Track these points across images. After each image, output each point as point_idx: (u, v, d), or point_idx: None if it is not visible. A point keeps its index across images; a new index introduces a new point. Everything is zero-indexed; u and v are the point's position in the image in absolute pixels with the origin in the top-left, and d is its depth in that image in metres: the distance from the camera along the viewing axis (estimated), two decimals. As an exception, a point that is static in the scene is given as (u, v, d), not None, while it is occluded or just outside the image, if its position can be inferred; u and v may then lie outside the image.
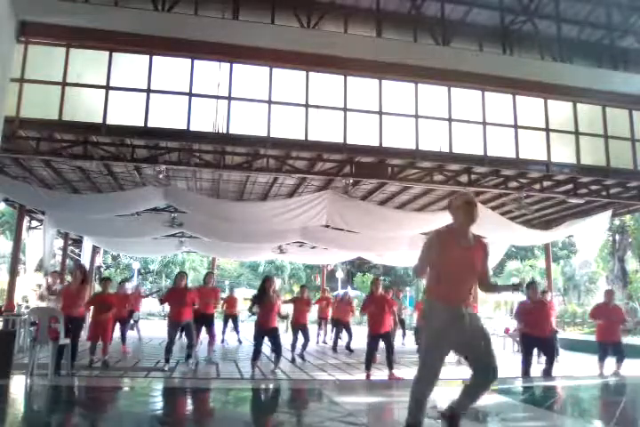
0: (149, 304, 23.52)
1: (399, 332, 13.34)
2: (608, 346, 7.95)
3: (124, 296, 10.97)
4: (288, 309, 10.62)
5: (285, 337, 9.32)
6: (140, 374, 7.59)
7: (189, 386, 6.33)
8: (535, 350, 7.50)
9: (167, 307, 8.65)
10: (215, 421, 4.32)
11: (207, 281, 9.80)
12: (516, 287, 3.54)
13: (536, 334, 7.10)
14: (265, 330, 7.62)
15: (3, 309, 10.60)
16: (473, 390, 3.33)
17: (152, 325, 17.81)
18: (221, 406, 5.00)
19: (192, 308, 8.22)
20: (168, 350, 7.95)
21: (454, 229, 3.44)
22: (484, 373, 3.25)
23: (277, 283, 8.32)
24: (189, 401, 5.47)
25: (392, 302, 8.19)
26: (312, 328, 11.91)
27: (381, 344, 7.85)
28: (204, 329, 9.65)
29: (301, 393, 5.97)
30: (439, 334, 3.26)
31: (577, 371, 8.25)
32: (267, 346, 7.95)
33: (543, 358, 7.60)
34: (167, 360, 7.96)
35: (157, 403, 5.14)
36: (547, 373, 7.07)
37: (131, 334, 12.82)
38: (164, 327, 8.39)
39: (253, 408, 5.12)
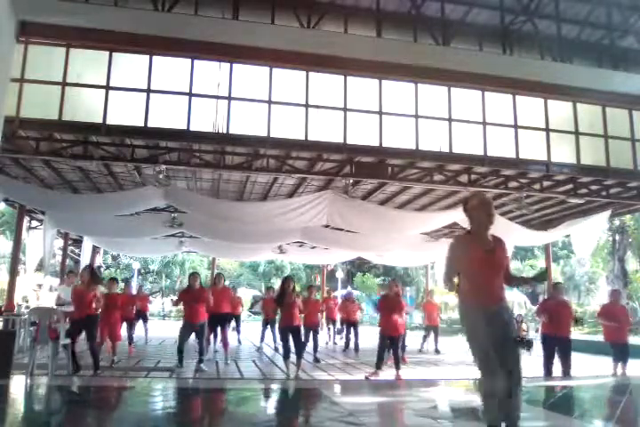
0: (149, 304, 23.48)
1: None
2: (619, 346, 7.93)
3: (131, 296, 10.97)
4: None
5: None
6: (140, 374, 7.59)
7: (190, 386, 6.33)
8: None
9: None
10: (215, 421, 4.32)
11: (217, 282, 9.79)
12: (539, 278, 3.59)
13: (557, 334, 7.10)
14: (290, 329, 7.56)
15: (3, 309, 10.60)
16: (502, 398, 3.19)
17: (151, 325, 17.78)
18: (221, 406, 5.00)
19: (205, 308, 8.15)
20: (180, 350, 7.81)
21: (473, 231, 3.42)
22: (511, 376, 3.18)
23: (278, 283, 8.38)
24: (189, 401, 5.47)
25: (404, 305, 8.19)
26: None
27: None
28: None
29: (301, 393, 5.97)
30: (478, 335, 3.27)
31: (577, 371, 8.23)
32: (266, 346, 7.94)
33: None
34: (180, 361, 7.79)
35: (157, 403, 5.14)
36: (565, 372, 7.07)
37: (138, 334, 12.78)
38: (163, 327, 8.38)
39: (254, 408, 5.11)
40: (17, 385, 5.68)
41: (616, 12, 9.41)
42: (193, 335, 8.06)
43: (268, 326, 11.75)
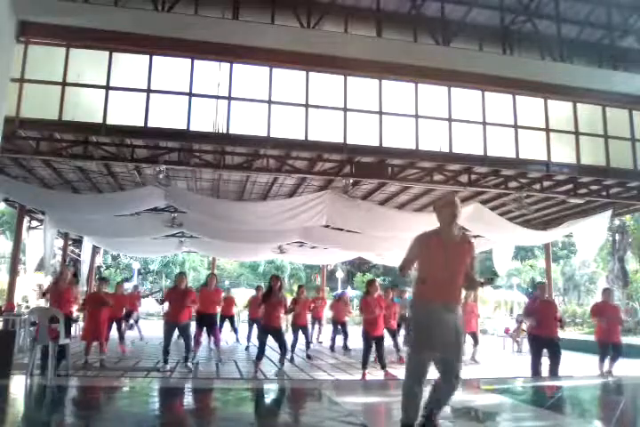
0: (148, 304, 23.50)
1: (401, 332, 13.34)
2: (608, 345, 7.93)
3: (121, 296, 10.96)
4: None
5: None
6: (139, 374, 7.59)
7: (189, 386, 6.33)
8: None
9: (166, 307, 8.64)
10: (215, 421, 4.32)
11: (209, 283, 9.81)
12: (488, 282, 3.75)
13: (544, 334, 7.08)
14: (269, 329, 7.61)
15: (3, 309, 10.60)
16: (438, 394, 3.35)
17: (151, 325, 17.80)
18: (221, 406, 5.00)
19: (190, 309, 8.19)
20: (165, 350, 7.89)
21: (440, 229, 3.55)
22: (449, 377, 3.29)
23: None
24: (189, 401, 5.47)
25: (386, 304, 8.22)
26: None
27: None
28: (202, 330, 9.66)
29: (301, 393, 5.97)
30: (423, 332, 3.34)
31: (577, 371, 8.24)
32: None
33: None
34: (165, 361, 7.90)
35: (157, 403, 5.14)
36: (553, 372, 7.05)
37: (131, 333, 12.83)
38: (162, 327, 8.39)
39: (253, 408, 5.11)
40: (17, 385, 5.68)
41: (616, 12, 9.41)
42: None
43: (255, 326, 11.79)
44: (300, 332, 10.20)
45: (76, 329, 11.84)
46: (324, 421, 3.96)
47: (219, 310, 10.26)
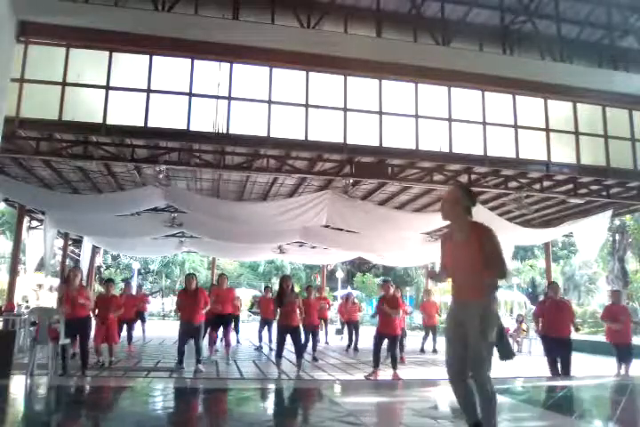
0: (148, 305, 23.48)
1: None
2: (620, 347, 7.89)
3: (131, 297, 10.93)
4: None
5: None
6: (140, 374, 7.58)
7: (189, 386, 6.33)
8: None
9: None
10: (215, 421, 4.32)
11: (221, 283, 9.82)
12: None
13: (556, 335, 7.01)
14: (288, 329, 7.63)
15: (3, 309, 10.60)
16: (479, 402, 3.14)
17: (151, 325, 17.79)
18: (222, 407, 5.00)
19: (203, 310, 8.14)
20: (180, 351, 7.82)
21: (450, 226, 3.53)
22: (474, 380, 3.13)
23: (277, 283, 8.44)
24: (189, 401, 5.47)
25: (402, 305, 8.31)
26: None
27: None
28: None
29: (301, 393, 5.97)
30: (448, 328, 3.36)
31: (577, 371, 8.23)
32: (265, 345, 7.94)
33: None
34: (181, 362, 7.78)
35: (157, 403, 5.13)
36: (563, 373, 6.99)
37: (137, 334, 12.79)
38: (164, 328, 8.38)
39: (254, 408, 5.11)
40: (17, 385, 5.67)
41: (616, 12, 9.41)
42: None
43: (266, 326, 11.78)
44: (310, 333, 10.13)
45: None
46: (325, 421, 3.96)
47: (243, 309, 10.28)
